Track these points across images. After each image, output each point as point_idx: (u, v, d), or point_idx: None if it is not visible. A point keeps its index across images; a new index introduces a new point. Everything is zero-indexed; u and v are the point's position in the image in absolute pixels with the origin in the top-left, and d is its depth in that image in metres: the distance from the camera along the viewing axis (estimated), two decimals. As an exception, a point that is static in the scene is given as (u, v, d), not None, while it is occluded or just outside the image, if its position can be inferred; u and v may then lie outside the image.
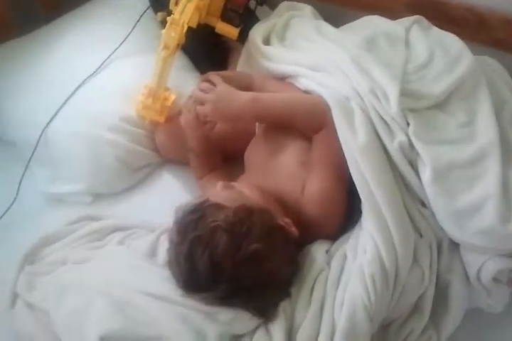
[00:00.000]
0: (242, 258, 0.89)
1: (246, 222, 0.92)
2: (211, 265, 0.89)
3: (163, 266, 0.98)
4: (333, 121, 1.00)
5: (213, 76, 1.13)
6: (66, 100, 1.25)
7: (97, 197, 1.24)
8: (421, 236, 1.01)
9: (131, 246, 1.07)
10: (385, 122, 1.01)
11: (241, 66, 1.31)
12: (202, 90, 1.11)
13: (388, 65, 1.08)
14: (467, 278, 1.01)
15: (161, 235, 1.07)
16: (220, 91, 1.09)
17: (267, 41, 1.29)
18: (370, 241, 0.97)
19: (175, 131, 1.22)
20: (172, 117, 1.24)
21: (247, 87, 1.17)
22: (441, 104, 1.06)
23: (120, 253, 1.06)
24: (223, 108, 1.08)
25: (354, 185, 0.99)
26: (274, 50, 1.24)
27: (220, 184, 1.03)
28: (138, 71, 1.29)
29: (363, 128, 0.99)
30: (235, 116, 1.08)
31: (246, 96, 1.07)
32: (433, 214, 1.00)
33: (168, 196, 1.21)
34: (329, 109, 1.01)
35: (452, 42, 1.17)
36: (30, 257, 1.09)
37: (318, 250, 1.01)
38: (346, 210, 1.05)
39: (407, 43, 1.18)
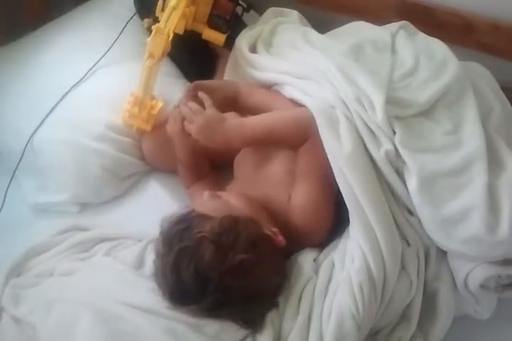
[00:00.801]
0: (229, 269, 0.89)
1: (232, 232, 0.91)
2: (197, 276, 0.89)
3: (150, 277, 0.97)
4: (318, 132, 0.99)
5: (203, 95, 1.10)
6: (52, 109, 1.24)
7: (84, 206, 1.23)
8: (408, 244, 1.01)
9: (118, 257, 1.06)
10: (371, 130, 1.01)
11: (228, 73, 1.30)
12: (190, 109, 1.08)
13: (374, 72, 1.07)
14: (455, 285, 1.01)
15: (147, 245, 1.07)
16: (208, 117, 1.06)
17: (253, 48, 1.28)
18: (357, 249, 0.97)
19: (162, 139, 1.21)
20: (159, 125, 1.23)
21: (234, 97, 1.17)
22: (427, 112, 1.05)
23: (106, 264, 1.05)
24: (209, 135, 1.06)
25: (341, 193, 0.98)
26: (259, 58, 1.23)
27: (206, 194, 1.02)
28: (124, 79, 1.28)
29: (348, 136, 0.99)
30: (220, 143, 1.07)
31: (231, 125, 1.06)
32: (420, 222, 0.99)
33: (155, 204, 1.20)
34: (314, 120, 1.00)
35: (438, 48, 1.17)
36: (17, 269, 1.08)
37: (305, 259, 1.01)
38: (334, 219, 1.05)
39: (394, 50, 1.17)
